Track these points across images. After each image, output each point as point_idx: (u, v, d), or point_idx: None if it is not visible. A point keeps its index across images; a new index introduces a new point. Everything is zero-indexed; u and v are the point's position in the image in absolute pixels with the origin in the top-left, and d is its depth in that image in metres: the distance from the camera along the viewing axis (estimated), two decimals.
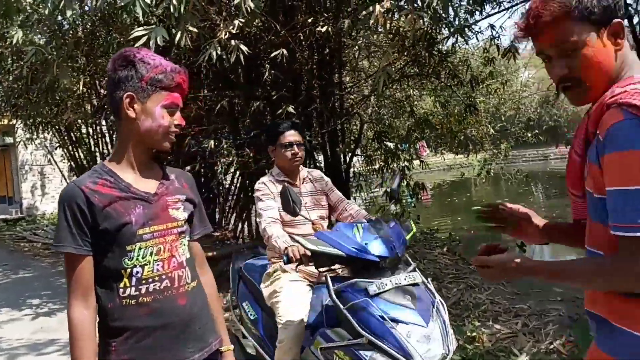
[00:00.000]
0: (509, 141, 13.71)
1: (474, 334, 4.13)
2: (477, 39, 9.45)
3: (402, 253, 2.63)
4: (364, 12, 4.33)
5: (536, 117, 27.82)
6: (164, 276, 1.68)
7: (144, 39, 3.59)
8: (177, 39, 3.87)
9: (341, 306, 2.44)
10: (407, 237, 2.76)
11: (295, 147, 3.17)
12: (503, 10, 7.13)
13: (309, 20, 5.65)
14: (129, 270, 1.64)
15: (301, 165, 3.32)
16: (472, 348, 3.94)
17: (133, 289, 1.65)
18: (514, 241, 8.48)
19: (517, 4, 7.08)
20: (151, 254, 1.67)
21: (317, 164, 7.21)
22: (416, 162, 9.34)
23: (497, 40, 7.28)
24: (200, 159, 7.50)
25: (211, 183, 8.98)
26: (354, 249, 2.52)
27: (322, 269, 2.73)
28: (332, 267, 2.73)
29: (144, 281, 1.65)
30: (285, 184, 2.93)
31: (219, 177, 8.83)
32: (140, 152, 1.73)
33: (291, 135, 3.20)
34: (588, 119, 1.36)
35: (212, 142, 6.18)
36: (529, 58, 11.72)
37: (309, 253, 2.56)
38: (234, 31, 4.30)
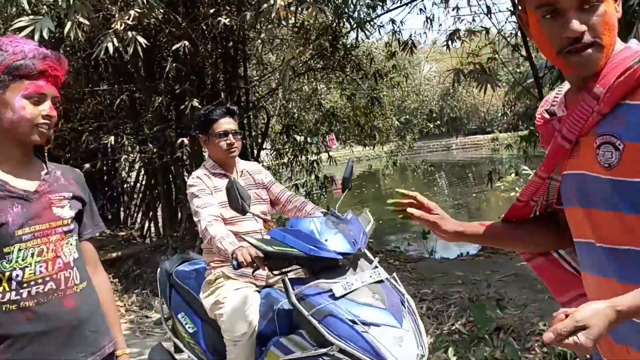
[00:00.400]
0: (413, 133, 14.22)
1: None
2: (379, 32, 9.69)
3: (364, 248, 2.39)
4: (265, 5, 4.29)
5: (438, 109, 29.04)
6: (47, 278, 1.59)
7: (27, 30, 3.35)
8: (66, 30, 3.66)
9: (305, 312, 2.13)
10: (367, 229, 2.51)
11: (230, 136, 2.81)
12: (403, 5, 7.40)
13: (211, 12, 5.55)
14: (7, 273, 1.54)
15: (237, 157, 2.94)
16: None
17: (13, 293, 1.54)
18: (421, 226, 8.84)
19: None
20: (32, 255, 1.57)
21: None
22: (324, 156, 9.46)
23: (398, 34, 7.57)
24: (101, 155, 7.18)
25: (114, 181, 8.64)
26: (314, 247, 2.22)
27: (276, 272, 2.41)
28: (288, 269, 2.41)
29: (25, 284, 1.55)
30: (232, 177, 2.64)
31: (122, 175, 8.51)
32: (11, 147, 1.61)
33: (226, 124, 2.83)
34: (599, 100, 1.16)
35: (112, 138, 5.90)
36: (429, 52, 12.19)
37: (261, 254, 2.26)
38: (130, 22, 4.14)
